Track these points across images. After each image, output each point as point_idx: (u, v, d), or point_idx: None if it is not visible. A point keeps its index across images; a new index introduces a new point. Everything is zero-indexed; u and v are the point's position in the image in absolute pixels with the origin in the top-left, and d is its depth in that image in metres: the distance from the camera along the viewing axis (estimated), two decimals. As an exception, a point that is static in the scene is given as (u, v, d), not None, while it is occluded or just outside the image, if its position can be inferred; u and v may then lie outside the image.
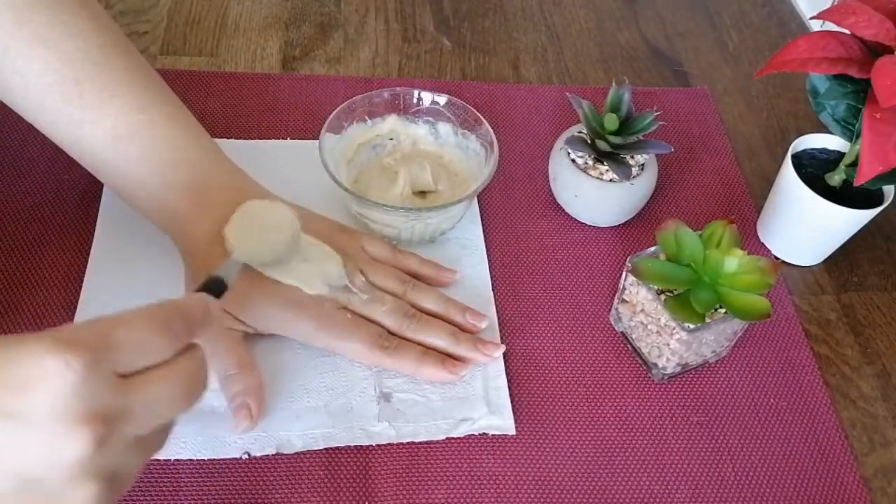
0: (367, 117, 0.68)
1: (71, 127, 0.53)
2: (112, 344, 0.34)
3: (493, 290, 0.63)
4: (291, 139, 0.72)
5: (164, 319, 0.36)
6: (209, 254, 0.53)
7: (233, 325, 0.55)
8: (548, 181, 0.70)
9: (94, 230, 0.63)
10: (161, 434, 0.37)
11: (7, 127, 0.69)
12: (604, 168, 0.66)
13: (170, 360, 0.36)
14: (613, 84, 0.67)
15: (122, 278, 0.60)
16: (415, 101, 0.68)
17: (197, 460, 0.52)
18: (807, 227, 0.66)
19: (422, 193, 0.66)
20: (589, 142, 0.66)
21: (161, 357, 0.36)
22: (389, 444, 0.55)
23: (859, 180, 0.57)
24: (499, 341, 0.60)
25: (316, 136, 0.64)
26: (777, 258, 0.70)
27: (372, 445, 0.54)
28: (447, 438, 0.55)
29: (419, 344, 0.56)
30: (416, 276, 0.60)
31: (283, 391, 0.56)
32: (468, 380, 0.58)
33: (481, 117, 0.67)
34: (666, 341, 0.57)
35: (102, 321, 0.35)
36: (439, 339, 0.57)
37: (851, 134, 0.63)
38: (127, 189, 0.55)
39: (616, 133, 0.65)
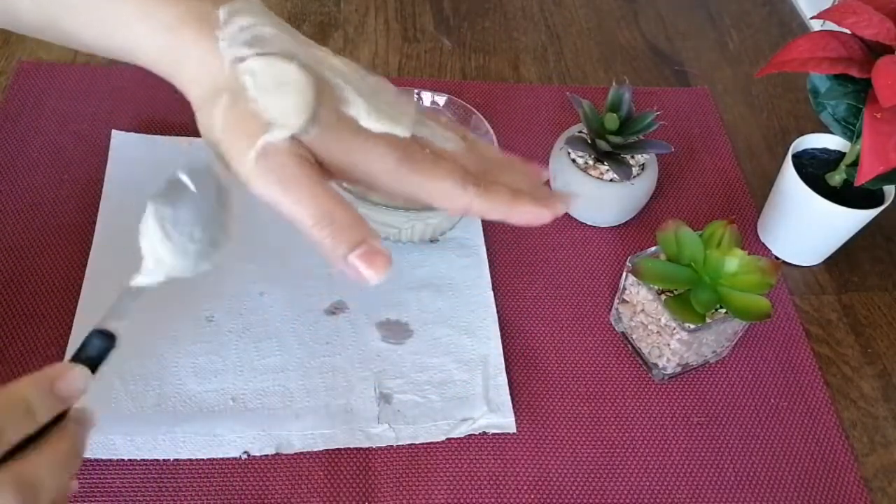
0: (367, 117, 0.67)
1: None
2: None
3: (494, 290, 0.63)
4: (291, 139, 0.72)
5: None
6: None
7: (303, 168, 0.42)
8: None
9: (94, 230, 0.63)
10: None
11: (7, 127, 0.69)
12: (604, 168, 0.66)
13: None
14: (613, 84, 0.67)
15: (122, 279, 0.60)
16: (414, 100, 0.68)
17: (196, 460, 0.52)
18: (807, 226, 0.66)
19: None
20: (589, 142, 0.66)
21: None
22: (389, 446, 0.54)
23: (860, 180, 0.57)
24: (499, 340, 0.60)
25: (316, 136, 0.64)
26: (777, 258, 0.69)
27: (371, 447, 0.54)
28: (447, 439, 0.55)
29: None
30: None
31: (283, 391, 0.56)
32: (468, 379, 0.58)
33: (481, 117, 0.66)
34: (666, 341, 0.57)
35: None
36: (521, 183, 0.46)
37: (852, 134, 0.63)
38: (126, 46, 0.43)
39: (616, 133, 0.65)
